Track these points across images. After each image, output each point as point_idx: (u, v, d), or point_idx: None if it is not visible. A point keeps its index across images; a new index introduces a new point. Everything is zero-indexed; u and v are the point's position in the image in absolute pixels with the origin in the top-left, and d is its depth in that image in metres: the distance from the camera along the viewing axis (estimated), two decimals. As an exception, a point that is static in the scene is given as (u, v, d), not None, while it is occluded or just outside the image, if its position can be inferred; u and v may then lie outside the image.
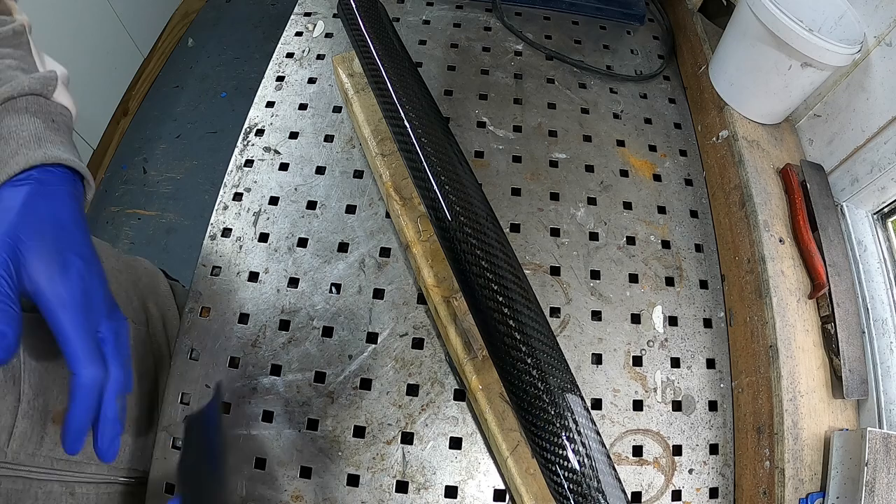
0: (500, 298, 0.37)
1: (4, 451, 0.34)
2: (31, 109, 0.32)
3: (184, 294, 0.57)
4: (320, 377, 0.46)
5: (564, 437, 0.33)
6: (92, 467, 0.40)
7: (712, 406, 0.49)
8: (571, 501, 0.33)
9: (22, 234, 0.28)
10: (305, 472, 0.43)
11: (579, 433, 0.34)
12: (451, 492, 0.43)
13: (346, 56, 0.59)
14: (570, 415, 0.34)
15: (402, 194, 0.51)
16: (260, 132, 0.59)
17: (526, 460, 0.41)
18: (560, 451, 0.33)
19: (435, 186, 0.41)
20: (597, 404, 0.48)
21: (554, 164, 0.59)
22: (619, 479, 0.34)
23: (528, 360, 0.35)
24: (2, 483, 0.34)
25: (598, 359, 0.49)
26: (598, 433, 0.35)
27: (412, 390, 0.47)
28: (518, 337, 0.36)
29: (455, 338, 0.45)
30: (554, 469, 0.33)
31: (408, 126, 0.44)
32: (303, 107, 0.61)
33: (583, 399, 0.36)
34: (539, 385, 0.35)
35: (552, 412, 0.34)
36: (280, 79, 0.63)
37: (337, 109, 0.61)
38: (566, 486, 0.33)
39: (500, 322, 0.36)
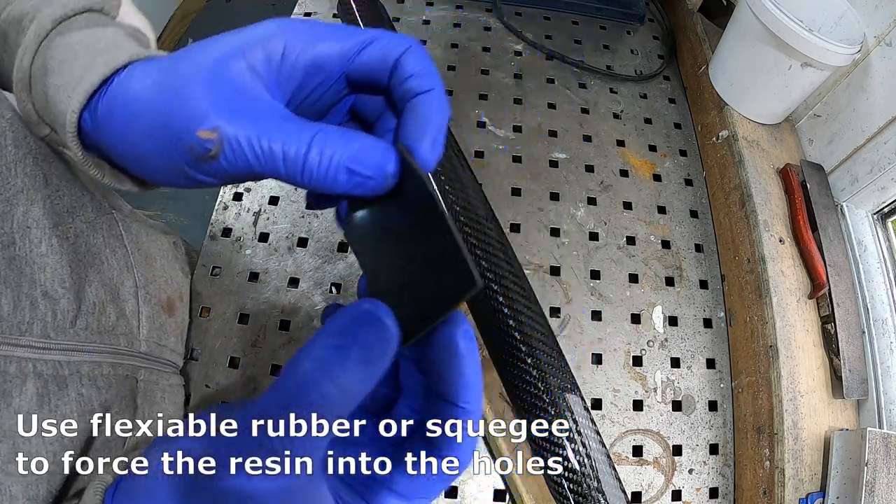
0: (500, 298, 0.37)
1: (139, 339, 0.35)
2: (96, 25, 0.24)
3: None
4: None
5: (564, 437, 0.33)
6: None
7: (712, 406, 0.49)
8: (571, 501, 0.33)
9: None
10: (305, 472, 0.43)
11: (579, 433, 0.34)
12: (451, 492, 0.43)
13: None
14: (570, 415, 0.34)
15: (402, 194, 0.51)
16: (260, 132, 0.59)
17: (526, 461, 0.41)
18: (560, 451, 0.33)
19: (434, 186, 0.41)
20: (597, 404, 0.48)
21: (554, 164, 0.59)
22: (619, 479, 0.34)
23: (528, 360, 0.35)
24: (141, 375, 0.35)
25: (598, 359, 0.49)
26: (598, 433, 0.35)
27: (412, 390, 0.47)
28: (518, 337, 0.36)
29: (455, 338, 0.45)
30: (554, 469, 0.33)
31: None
32: (303, 107, 0.61)
33: (583, 399, 0.36)
34: (539, 385, 0.35)
35: (552, 412, 0.34)
36: (280, 79, 0.63)
37: (337, 109, 0.61)
38: (566, 486, 0.33)
39: (500, 322, 0.36)
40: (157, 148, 0.19)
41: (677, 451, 0.47)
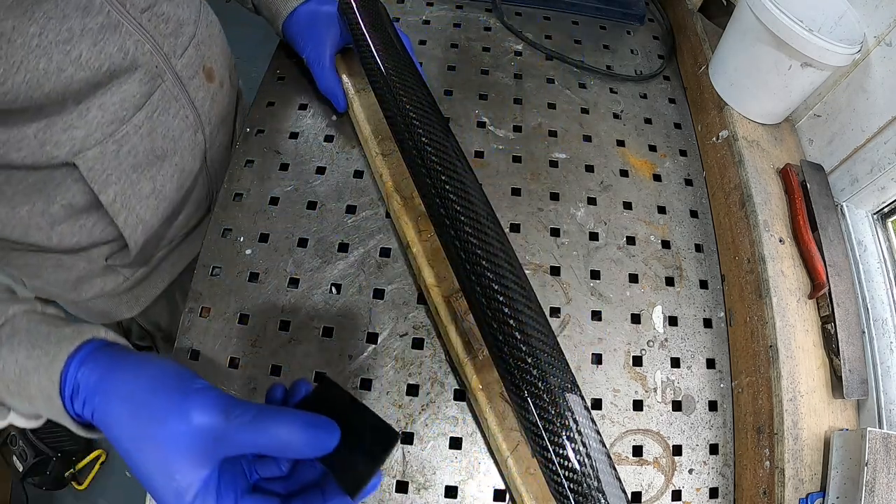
0: (501, 298, 0.37)
1: (176, 57, 0.49)
2: None
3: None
4: (320, 377, 0.46)
5: (564, 437, 0.33)
6: None
7: (712, 406, 0.49)
8: (571, 501, 0.33)
9: None
10: (305, 472, 0.43)
11: (579, 433, 0.34)
12: (451, 492, 0.43)
13: (347, 56, 0.59)
14: (570, 415, 0.34)
15: (402, 194, 0.51)
16: (260, 132, 0.59)
17: (526, 460, 0.41)
18: (560, 451, 0.33)
19: (435, 186, 0.41)
20: (597, 404, 0.48)
21: (554, 164, 0.59)
22: (619, 479, 0.34)
23: (529, 360, 0.35)
24: (167, 80, 0.48)
25: (598, 359, 0.49)
26: (598, 433, 0.35)
27: (412, 390, 0.47)
28: (518, 337, 0.36)
29: (455, 338, 0.45)
30: (554, 469, 0.33)
31: (408, 126, 0.44)
32: (303, 107, 0.61)
33: (583, 399, 0.36)
34: (539, 385, 0.35)
35: (552, 412, 0.34)
36: (280, 79, 0.63)
37: (337, 109, 0.61)
38: (566, 486, 0.33)
39: (501, 322, 0.36)
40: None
41: (677, 451, 0.47)
